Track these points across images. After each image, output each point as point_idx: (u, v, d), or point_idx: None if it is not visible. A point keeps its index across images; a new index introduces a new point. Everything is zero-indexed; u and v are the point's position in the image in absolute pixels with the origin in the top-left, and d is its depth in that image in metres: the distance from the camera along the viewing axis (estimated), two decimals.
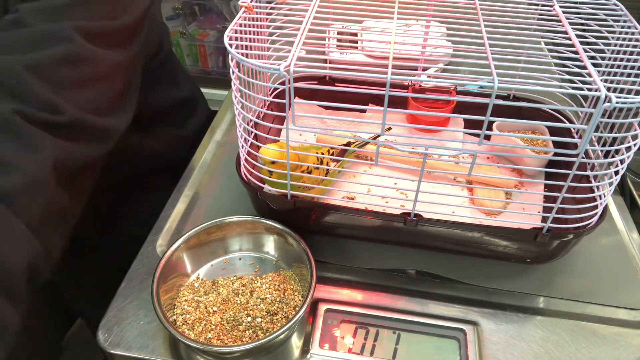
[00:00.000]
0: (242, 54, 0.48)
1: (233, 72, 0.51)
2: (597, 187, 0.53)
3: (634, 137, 0.48)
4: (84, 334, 1.35)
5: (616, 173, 0.51)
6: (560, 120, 0.70)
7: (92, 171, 0.58)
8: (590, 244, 0.63)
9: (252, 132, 0.58)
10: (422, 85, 0.73)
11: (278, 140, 0.58)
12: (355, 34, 0.94)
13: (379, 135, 0.64)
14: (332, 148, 0.65)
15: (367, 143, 0.68)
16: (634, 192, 0.76)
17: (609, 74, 0.59)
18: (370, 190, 0.65)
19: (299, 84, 0.73)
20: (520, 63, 0.64)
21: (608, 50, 0.58)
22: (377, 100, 0.74)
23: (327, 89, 0.76)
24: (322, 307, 0.56)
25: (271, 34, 0.63)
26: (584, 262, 0.62)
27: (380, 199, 0.64)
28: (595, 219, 0.54)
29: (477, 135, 0.45)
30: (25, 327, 0.60)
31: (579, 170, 0.50)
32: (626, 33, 0.56)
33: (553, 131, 0.69)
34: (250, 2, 0.56)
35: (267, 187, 0.58)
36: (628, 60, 0.56)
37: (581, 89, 0.44)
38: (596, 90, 0.42)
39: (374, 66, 0.45)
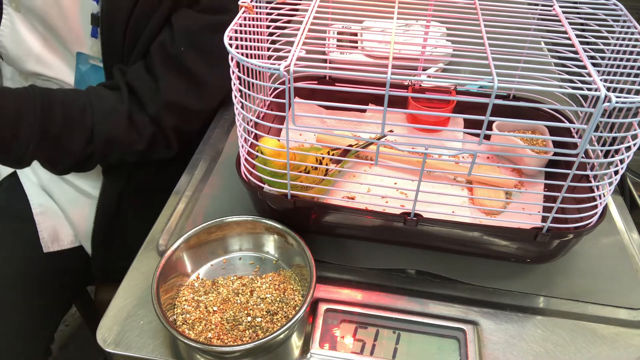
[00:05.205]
0: (242, 54, 0.48)
1: (233, 72, 0.51)
2: (597, 187, 0.53)
3: (634, 137, 0.48)
4: (84, 334, 1.35)
5: (616, 173, 0.51)
6: (560, 120, 0.70)
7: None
8: (590, 244, 0.63)
9: (252, 132, 0.58)
10: (422, 85, 0.74)
11: (278, 140, 0.58)
12: (355, 34, 0.94)
13: (384, 136, 0.65)
14: (334, 149, 0.65)
15: (370, 144, 0.68)
16: (634, 192, 0.76)
17: (608, 73, 0.59)
18: (370, 190, 0.65)
19: (299, 84, 0.73)
20: (520, 63, 0.64)
21: (608, 50, 0.58)
22: (377, 100, 0.74)
23: (327, 89, 0.76)
24: (322, 307, 0.56)
25: (271, 34, 0.63)
26: (584, 262, 0.62)
27: (380, 198, 0.64)
28: (595, 218, 0.54)
29: (477, 135, 0.45)
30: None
31: (578, 170, 0.50)
32: (626, 33, 0.56)
33: (553, 131, 0.69)
34: (250, 2, 0.56)
35: (267, 187, 0.58)
36: (628, 60, 0.56)
37: (581, 88, 0.44)
38: (596, 90, 0.42)
39: (374, 66, 0.45)
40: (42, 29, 0.77)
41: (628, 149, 0.49)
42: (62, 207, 0.88)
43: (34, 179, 0.89)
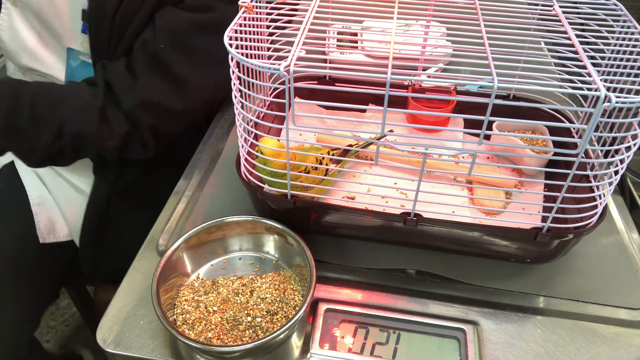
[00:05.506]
0: (242, 54, 0.48)
1: (233, 72, 0.51)
2: (597, 187, 0.53)
3: (634, 137, 0.48)
4: (84, 334, 1.35)
5: (616, 173, 0.51)
6: (560, 120, 0.70)
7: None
8: (590, 244, 0.63)
9: (252, 132, 0.58)
10: (422, 85, 0.74)
11: (278, 140, 0.58)
12: (355, 34, 0.94)
13: (384, 136, 0.65)
14: (334, 149, 0.65)
15: (370, 144, 0.68)
16: (634, 192, 0.76)
17: (608, 73, 0.59)
18: (370, 190, 0.65)
19: (299, 84, 0.73)
20: (520, 63, 0.64)
21: (608, 50, 0.58)
22: (377, 100, 0.74)
23: (327, 89, 0.76)
24: (322, 307, 0.56)
25: (271, 34, 0.63)
26: (584, 262, 0.62)
27: (380, 198, 0.64)
28: (595, 218, 0.54)
29: (477, 135, 0.45)
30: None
31: (578, 170, 0.50)
32: (626, 33, 0.56)
33: (553, 131, 0.69)
34: (250, 2, 0.56)
35: (267, 187, 0.58)
36: (628, 60, 0.56)
37: (581, 88, 0.44)
38: (596, 90, 0.42)
39: (374, 66, 0.45)
40: (37, 24, 0.77)
41: (628, 149, 0.49)
42: (56, 200, 0.88)
43: (30, 169, 0.89)
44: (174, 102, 0.73)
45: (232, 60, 0.50)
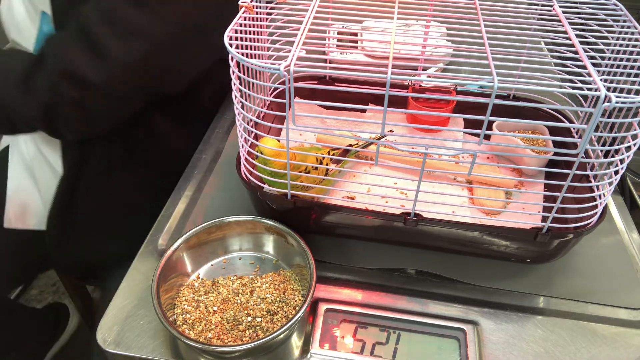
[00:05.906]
0: (242, 54, 0.48)
1: (233, 72, 0.51)
2: (597, 187, 0.53)
3: (634, 137, 0.48)
4: (84, 334, 1.35)
5: (616, 173, 0.51)
6: (560, 120, 0.70)
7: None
8: (590, 244, 0.63)
9: (252, 131, 0.58)
10: (422, 85, 0.74)
11: (278, 140, 0.58)
12: (355, 34, 0.94)
13: (384, 136, 0.65)
14: (334, 149, 0.65)
15: (370, 144, 0.68)
16: (634, 192, 0.76)
17: (608, 73, 0.59)
18: (370, 190, 0.65)
19: (299, 84, 0.73)
20: (520, 63, 0.64)
21: (608, 50, 0.58)
22: (378, 100, 0.74)
23: (327, 89, 0.76)
24: (322, 307, 0.56)
25: (271, 34, 0.63)
26: (584, 262, 0.62)
27: (380, 198, 0.64)
28: (595, 218, 0.54)
29: (477, 135, 0.45)
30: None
31: (578, 170, 0.50)
32: (626, 33, 0.56)
33: (553, 131, 0.69)
34: (250, 2, 0.56)
35: (267, 187, 0.58)
36: (628, 60, 0.56)
37: (581, 88, 0.44)
38: (596, 90, 0.42)
39: (374, 66, 0.45)
40: None
41: (628, 149, 0.49)
42: (39, 185, 0.87)
43: (26, 152, 0.88)
44: (93, 74, 0.70)
45: (232, 60, 0.50)
